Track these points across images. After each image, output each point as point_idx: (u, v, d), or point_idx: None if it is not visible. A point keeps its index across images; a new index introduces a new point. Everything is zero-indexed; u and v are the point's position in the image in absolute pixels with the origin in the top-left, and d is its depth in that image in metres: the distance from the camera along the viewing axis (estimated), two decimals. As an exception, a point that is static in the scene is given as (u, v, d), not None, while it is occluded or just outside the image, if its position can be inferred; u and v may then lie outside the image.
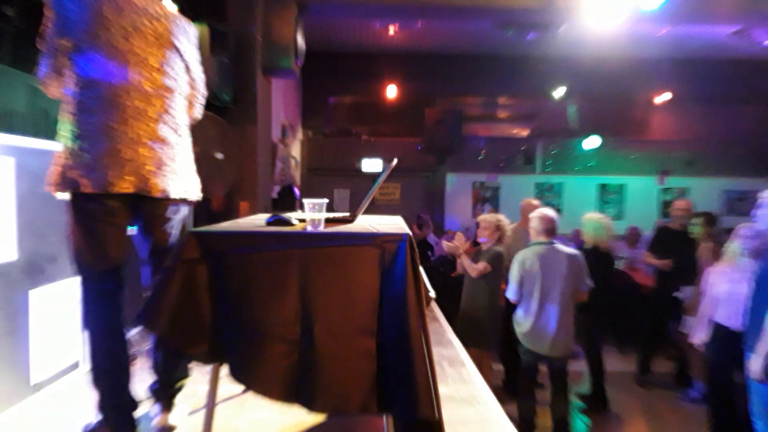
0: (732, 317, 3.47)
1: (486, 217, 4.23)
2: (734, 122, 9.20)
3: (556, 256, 3.67)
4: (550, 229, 3.73)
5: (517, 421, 3.65)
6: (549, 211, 3.82)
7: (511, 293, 3.79)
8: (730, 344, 3.36)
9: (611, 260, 4.66)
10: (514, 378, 4.76)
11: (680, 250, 4.70)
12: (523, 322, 3.74)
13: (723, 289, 3.65)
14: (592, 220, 4.50)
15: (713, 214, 4.89)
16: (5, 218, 2.14)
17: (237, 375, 1.68)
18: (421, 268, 1.68)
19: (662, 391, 4.92)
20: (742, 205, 8.92)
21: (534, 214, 3.83)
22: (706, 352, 3.83)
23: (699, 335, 3.92)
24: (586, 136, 8.92)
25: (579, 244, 4.83)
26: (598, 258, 4.30)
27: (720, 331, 3.63)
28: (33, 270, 2.30)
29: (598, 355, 4.56)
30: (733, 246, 3.66)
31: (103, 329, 1.88)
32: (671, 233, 4.99)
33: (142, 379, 2.05)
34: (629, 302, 5.75)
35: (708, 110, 9.25)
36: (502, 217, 4.21)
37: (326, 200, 1.80)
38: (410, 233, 1.70)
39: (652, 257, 5.01)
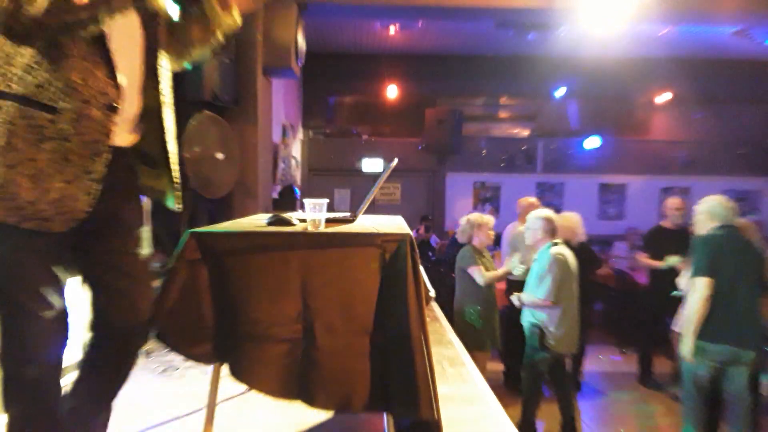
0: None
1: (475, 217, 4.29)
2: (734, 122, 9.19)
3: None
4: (555, 229, 3.75)
5: (518, 422, 3.66)
6: (550, 211, 3.82)
7: (549, 296, 3.53)
8: None
9: (586, 255, 4.67)
10: (515, 377, 4.78)
11: (675, 249, 4.68)
12: (558, 324, 3.56)
13: None
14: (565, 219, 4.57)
15: None
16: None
17: (238, 374, 1.68)
18: (421, 268, 1.68)
19: (662, 390, 4.91)
20: (742, 205, 8.91)
21: (540, 215, 3.77)
22: None
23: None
24: (587, 136, 8.92)
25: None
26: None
27: None
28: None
29: (582, 347, 4.72)
30: None
31: None
32: (665, 232, 4.95)
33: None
34: (629, 302, 5.75)
35: (708, 110, 9.24)
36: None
37: (327, 200, 1.80)
38: (411, 233, 1.70)
39: (646, 257, 4.98)
